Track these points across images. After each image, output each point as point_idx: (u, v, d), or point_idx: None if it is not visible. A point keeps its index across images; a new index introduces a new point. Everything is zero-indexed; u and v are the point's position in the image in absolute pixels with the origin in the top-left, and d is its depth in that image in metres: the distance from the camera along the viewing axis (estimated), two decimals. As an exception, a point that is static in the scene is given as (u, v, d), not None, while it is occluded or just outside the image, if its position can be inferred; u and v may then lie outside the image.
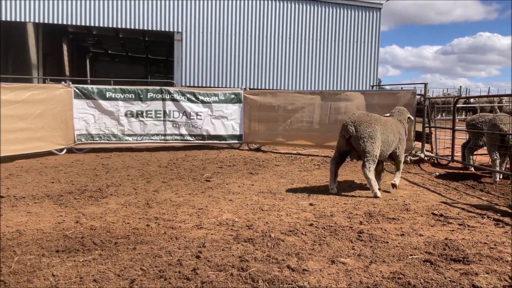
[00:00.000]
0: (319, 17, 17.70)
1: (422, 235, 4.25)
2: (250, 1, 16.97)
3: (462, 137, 9.67)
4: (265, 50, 17.40)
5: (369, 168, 5.86)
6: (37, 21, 15.30)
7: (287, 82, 17.75)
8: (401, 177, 7.31)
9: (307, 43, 17.75)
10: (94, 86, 10.16)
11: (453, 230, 4.44)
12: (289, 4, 17.36)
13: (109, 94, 10.11)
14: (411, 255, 3.69)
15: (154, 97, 10.40)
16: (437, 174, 7.97)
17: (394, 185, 6.42)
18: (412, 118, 6.79)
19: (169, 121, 10.51)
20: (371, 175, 5.92)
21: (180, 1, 16.28)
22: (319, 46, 17.88)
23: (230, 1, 16.78)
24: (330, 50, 18.00)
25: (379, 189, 6.17)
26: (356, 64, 18.29)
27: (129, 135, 10.30)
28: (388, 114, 6.76)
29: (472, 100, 18.54)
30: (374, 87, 18.63)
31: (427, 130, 9.45)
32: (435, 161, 9.09)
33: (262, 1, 17.09)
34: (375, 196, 5.94)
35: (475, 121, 8.09)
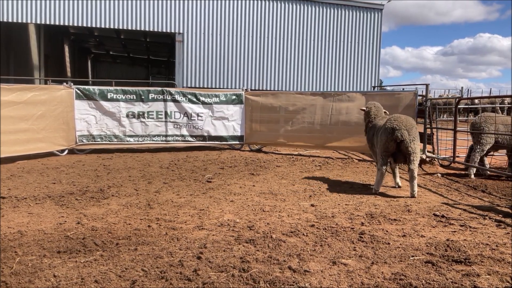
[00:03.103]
0: (320, 18, 17.69)
1: (424, 236, 4.24)
2: (251, 2, 16.97)
3: (463, 138, 9.66)
4: (267, 51, 17.40)
5: (417, 168, 6.13)
6: (38, 22, 15.32)
7: (288, 83, 17.74)
8: (403, 178, 7.32)
9: (309, 44, 17.75)
10: (96, 87, 10.17)
11: (454, 231, 4.43)
12: (290, 5, 17.36)
13: (110, 95, 10.12)
14: (412, 256, 3.68)
15: (155, 98, 10.41)
16: (439, 175, 7.96)
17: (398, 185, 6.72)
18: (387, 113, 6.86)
19: (170, 122, 10.51)
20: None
21: (181, 2, 16.30)
22: (320, 47, 17.87)
23: (231, 2, 16.79)
24: (331, 51, 17.99)
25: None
26: (358, 65, 18.27)
27: (130, 136, 10.31)
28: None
29: (476, 101, 18.53)
30: (376, 88, 18.62)
31: (428, 131, 9.44)
32: (437, 162, 9.08)
33: (263, 2, 17.10)
34: (413, 196, 6.01)
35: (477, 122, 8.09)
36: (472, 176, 7.71)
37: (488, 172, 7.91)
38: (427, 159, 9.03)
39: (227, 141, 10.92)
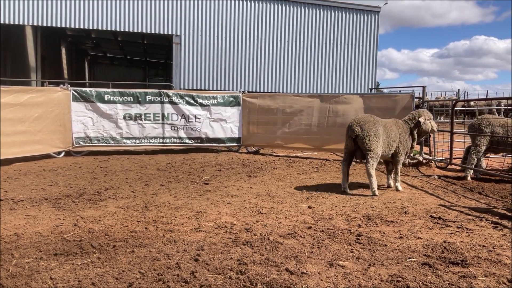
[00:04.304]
0: (317, 20, 17.74)
1: (421, 238, 4.25)
2: (248, 4, 17.00)
3: (460, 140, 9.69)
4: (264, 53, 17.43)
5: (372, 165, 6.18)
6: (35, 24, 15.30)
7: (285, 85, 17.77)
8: (400, 180, 7.32)
9: (306, 46, 17.78)
10: (93, 89, 10.16)
11: (451, 233, 4.45)
12: (287, 7, 17.40)
13: (107, 97, 10.11)
14: (409, 258, 3.69)
15: (152, 100, 10.40)
16: (436, 177, 7.98)
17: (397, 189, 6.69)
18: (423, 121, 6.68)
19: (167, 124, 10.51)
20: (373, 173, 6.22)
21: (178, 4, 16.31)
22: (317, 49, 17.91)
23: (228, 4, 16.81)
24: (328, 53, 18.03)
25: (378, 187, 6.29)
26: (355, 67, 18.32)
27: (127, 138, 10.29)
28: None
29: (472, 103, 18.62)
30: (373, 90, 18.67)
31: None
32: (434, 164, 9.10)
33: (260, 4, 17.13)
34: (374, 195, 6.18)
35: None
36: (469, 178, 7.74)
37: (479, 174, 7.97)
38: (424, 161, 9.05)
39: (225, 143, 10.92)
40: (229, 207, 5.47)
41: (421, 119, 6.69)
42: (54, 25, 15.37)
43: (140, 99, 10.32)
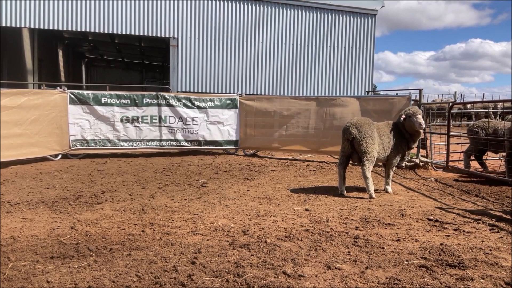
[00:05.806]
0: (314, 23, 17.78)
1: (418, 241, 4.26)
2: (246, 7, 17.03)
3: (456, 143, 9.71)
4: (261, 56, 17.44)
5: (368, 167, 6.20)
6: (32, 26, 15.26)
7: (282, 87, 17.78)
8: (397, 182, 7.34)
9: (303, 49, 17.81)
10: (90, 92, 10.15)
11: (448, 236, 4.46)
12: (284, 10, 17.43)
13: (104, 99, 10.09)
14: (406, 260, 3.69)
15: (149, 102, 10.39)
16: (433, 179, 8.00)
17: (387, 192, 6.66)
18: (402, 118, 6.42)
19: (164, 126, 10.50)
20: (370, 175, 6.23)
21: (176, 7, 16.31)
22: (314, 51, 17.94)
23: (225, 7, 16.83)
24: (325, 56, 18.06)
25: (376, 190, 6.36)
26: (351, 69, 18.35)
27: (124, 141, 10.27)
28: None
29: (469, 105, 18.70)
30: (370, 93, 18.71)
31: (422, 135, 9.49)
32: (431, 166, 9.12)
33: (257, 7, 17.16)
34: (370, 197, 6.20)
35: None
36: None
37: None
38: (421, 163, 9.07)
39: (222, 146, 10.91)
40: (226, 209, 5.47)
41: (402, 118, 6.47)
42: (51, 27, 15.33)
43: (137, 101, 10.31)
